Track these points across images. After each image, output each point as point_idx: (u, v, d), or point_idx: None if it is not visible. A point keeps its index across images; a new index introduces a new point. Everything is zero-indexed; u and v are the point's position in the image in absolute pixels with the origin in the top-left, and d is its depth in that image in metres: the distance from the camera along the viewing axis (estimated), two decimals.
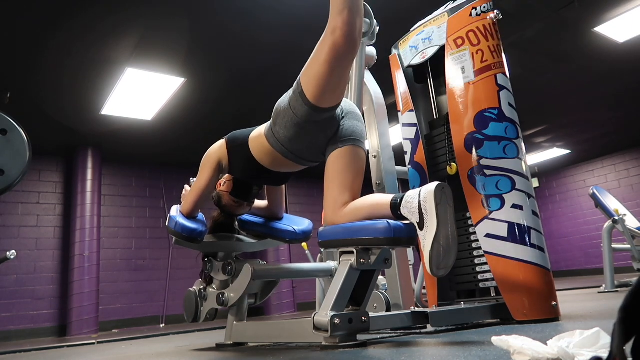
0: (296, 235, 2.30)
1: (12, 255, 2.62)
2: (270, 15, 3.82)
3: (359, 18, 1.59)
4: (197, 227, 2.06)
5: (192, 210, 2.12)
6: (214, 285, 2.22)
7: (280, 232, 2.31)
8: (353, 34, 1.57)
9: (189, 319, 2.26)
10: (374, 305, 2.22)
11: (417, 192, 1.51)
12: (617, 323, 0.53)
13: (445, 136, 2.26)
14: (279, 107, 1.80)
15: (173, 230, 2.06)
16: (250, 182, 2.16)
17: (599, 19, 4.40)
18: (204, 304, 2.23)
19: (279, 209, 2.37)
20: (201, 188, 2.07)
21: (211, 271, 2.22)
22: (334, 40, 1.57)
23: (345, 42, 1.56)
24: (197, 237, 2.05)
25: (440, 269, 1.45)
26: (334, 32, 1.56)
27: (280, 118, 1.78)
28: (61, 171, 6.40)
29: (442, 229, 1.44)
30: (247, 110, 5.59)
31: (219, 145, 2.07)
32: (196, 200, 2.10)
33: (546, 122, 7.14)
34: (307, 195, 8.38)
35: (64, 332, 5.76)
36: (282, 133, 1.79)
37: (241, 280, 2.08)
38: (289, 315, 6.47)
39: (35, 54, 4.03)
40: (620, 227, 3.98)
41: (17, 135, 1.68)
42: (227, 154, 2.03)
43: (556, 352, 0.86)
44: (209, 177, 2.05)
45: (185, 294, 2.31)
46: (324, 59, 1.60)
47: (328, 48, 1.58)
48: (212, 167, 2.04)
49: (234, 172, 2.09)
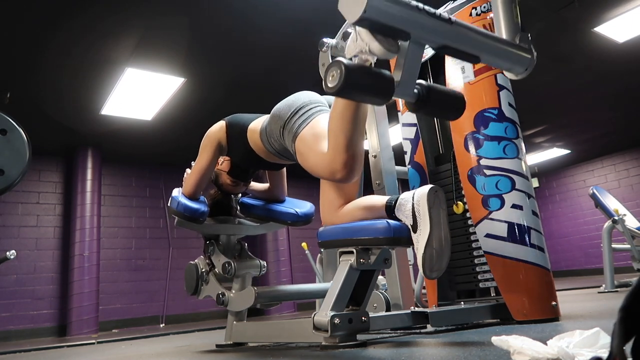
0: (298, 217, 2.27)
1: (12, 255, 2.62)
2: (270, 16, 3.82)
3: (360, 156, 1.49)
4: (200, 207, 2.05)
5: (194, 191, 2.11)
6: (215, 271, 2.20)
7: (283, 214, 2.28)
8: (353, 173, 1.48)
9: (189, 291, 2.25)
10: (373, 305, 2.22)
11: (411, 195, 1.51)
12: (617, 323, 0.53)
13: (452, 172, 2.25)
14: (273, 119, 1.79)
15: (175, 210, 2.05)
16: (248, 167, 2.17)
17: (599, 19, 4.40)
18: (204, 285, 2.22)
19: (280, 192, 2.35)
20: (202, 168, 2.07)
21: (212, 254, 2.21)
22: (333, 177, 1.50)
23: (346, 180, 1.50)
24: (199, 217, 2.04)
25: (434, 271, 1.45)
26: (333, 173, 1.48)
27: (273, 133, 1.80)
28: (61, 171, 6.39)
29: (435, 232, 1.44)
30: (247, 110, 5.53)
31: (219, 126, 2.07)
32: (198, 180, 2.09)
33: (546, 122, 7.14)
34: (307, 195, 8.33)
35: (63, 332, 5.75)
36: (274, 142, 1.83)
37: (244, 300, 2.06)
38: (288, 315, 6.47)
39: (35, 54, 4.03)
40: (620, 227, 3.98)
41: (17, 135, 1.68)
42: (226, 137, 2.04)
43: (556, 352, 0.86)
44: (210, 158, 2.06)
45: (187, 265, 2.29)
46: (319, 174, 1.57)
47: (326, 176, 1.54)
48: (213, 147, 2.05)
49: (232, 156, 2.10)
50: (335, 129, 1.45)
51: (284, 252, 7.23)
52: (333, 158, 1.46)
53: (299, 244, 5.59)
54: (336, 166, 1.46)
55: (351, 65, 1.06)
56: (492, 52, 1.23)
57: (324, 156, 1.52)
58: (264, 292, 2.05)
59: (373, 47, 1.04)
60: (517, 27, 1.31)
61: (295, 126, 1.67)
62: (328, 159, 1.49)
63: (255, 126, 1.95)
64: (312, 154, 1.58)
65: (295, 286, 2.34)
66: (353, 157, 1.45)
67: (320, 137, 1.59)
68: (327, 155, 1.49)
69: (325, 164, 1.50)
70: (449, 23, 1.10)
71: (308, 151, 1.61)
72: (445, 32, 1.09)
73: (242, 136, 1.98)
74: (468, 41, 1.15)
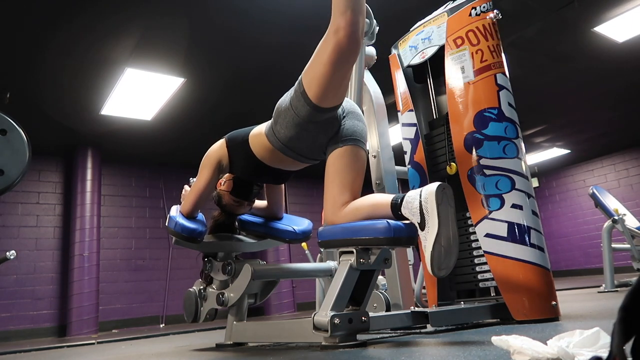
0: (296, 235, 2.30)
1: (11, 255, 2.62)
2: (270, 15, 3.82)
3: (362, 18, 1.59)
4: (197, 227, 2.06)
5: (192, 210, 2.12)
6: (213, 285, 2.22)
7: (280, 232, 2.31)
8: (356, 33, 1.57)
9: (188, 319, 2.26)
10: (373, 305, 2.22)
11: (418, 193, 1.51)
12: (617, 323, 0.53)
13: (445, 136, 2.26)
14: (280, 106, 1.80)
15: (173, 231, 2.06)
16: (251, 180, 2.16)
17: (599, 19, 4.40)
18: (203, 304, 2.23)
19: (278, 209, 2.37)
20: (201, 188, 2.07)
21: (211, 271, 2.22)
22: (337, 41, 1.57)
23: (349, 42, 1.57)
24: (196, 237, 2.05)
25: (442, 269, 1.45)
26: (337, 32, 1.56)
27: (281, 118, 1.78)
28: (61, 171, 6.40)
29: (444, 230, 1.44)
30: (246, 110, 5.58)
31: (218, 145, 2.07)
32: (196, 200, 2.10)
33: (546, 121, 7.14)
34: (307, 195, 8.38)
35: (63, 332, 5.75)
36: (283, 132, 1.80)
37: (241, 280, 2.08)
38: (288, 315, 6.47)
39: (35, 54, 4.03)
40: (619, 226, 3.98)
41: (16, 135, 1.68)
42: (227, 152, 2.03)
43: (556, 352, 0.86)
44: (209, 177, 2.06)
45: (184, 294, 2.31)
46: (326, 59, 1.60)
47: (331, 48, 1.58)
48: (212, 167, 2.04)
49: (235, 170, 2.09)
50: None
51: (284, 252, 7.23)
52: (335, 17, 1.57)
53: (298, 243, 5.59)
54: (340, 22, 1.55)
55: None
56: None
57: (328, 30, 1.59)
58: (261, 269, 2.07)
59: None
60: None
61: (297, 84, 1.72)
62: (331, 24, 1.58)
63: (257, 131, 1.95)
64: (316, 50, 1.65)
65: (292, 265, 2.39)
66: (353, 9, 1.55)
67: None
68: (330, 25, 1.58)
69: (329, 31, 1.58)
70: None
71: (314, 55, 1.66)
72: None
73: (245, 145, 1.97)
74: None
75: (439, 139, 2.31)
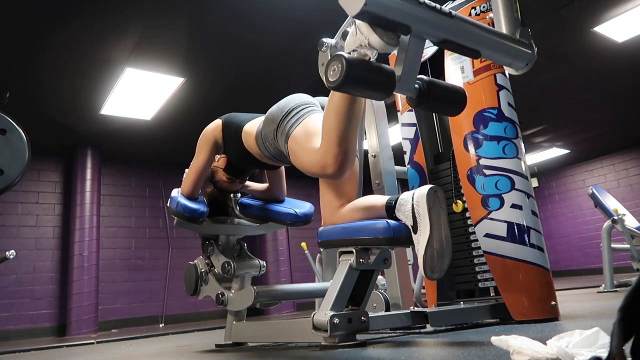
0: (298, 218, 2.25)
1: (11, 255, 2.62)
2: (269, 15, 3.82)
3: (353, 150, 1.50)
4: (199, 208, 2.05)
5: (193, 190, 2.11)
6: (214, 270, 2.20)
7: (282, 215, 2.27)
8: (344, 169, 1.48)
9: (188, 291, 2.24)
10: (373, 305, 2.22)
11: (410, 195, 1.50)
12: (617, 323, 0.53)
13: (451, 172, 2.25)
14: (268, 121, 1.79)
15: (174, 211, 2.05)
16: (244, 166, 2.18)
17: (598, 19, 4.40)
18: (203, 285, 2.22)
19: (279, 192, 2.34)
20: (199, 167, 2.07)
21: (212, 255, 2.21)
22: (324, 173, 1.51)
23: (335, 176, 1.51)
24: (198, 217, 2.04)
25: (435, 272, 1.44)
26: (324, 168, 1.48)
27: (268, 137, 1.80)
28: (60, 171, 6.39)
29: (435, 233, 1.43)
30: (246, 110, 5.54)
31: (215, 125, 2.09)
32: (195, 179, 2.09)
33: (545, 121, 7.14)
34: (307, 195, 8.34)
35: (63, 332, 5.75)
36: (269, 147, 1.83)
37: (242, 299, 2.06)
38: (288, 315, 6.47)
39: (35, 54, 4.02)
40: (619, 226, 3.98)
41: (16, 135, 1.68)
42: (222, 135, 2.05)
43: (555, 352, 0.86)
44: (207, 156, 2.07)
45: (186, 266, 2.29)
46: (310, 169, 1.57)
47: (316, 171, 1.54)
48: (209, 145, 2.05)
49: (228, 153, 2.11)
50: (330, 122, 1.45)
51: (284, 252, 7.23)
52: (325, 151, 1.47)
53: (298, 243, 5.59)
54: (328, 160, 1.46)
55: (352, 59, 1.05)
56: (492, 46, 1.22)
57: (316, 151, 1.52)
58: (263, 291, 2.05)
59: (372, 41, 1.04)
60: (517, 22, 1.31)
61: (288, 127, 1.68)
62: (320, 153, 1.49)
63: (250, 129, 1.95)
64: (304, 150, 1.59)
65: (294, 285, 2.34)
66: (345, 152, 1.45)
67: (312, 134, 1.59)
68: (319, 150, 1.50)
69: (317, 159, 1.51)
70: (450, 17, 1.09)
71: (300, 149, 1.61)
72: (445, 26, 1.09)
73: (238, 137, 1.98)
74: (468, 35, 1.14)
75: (444, 174, 2.29)
